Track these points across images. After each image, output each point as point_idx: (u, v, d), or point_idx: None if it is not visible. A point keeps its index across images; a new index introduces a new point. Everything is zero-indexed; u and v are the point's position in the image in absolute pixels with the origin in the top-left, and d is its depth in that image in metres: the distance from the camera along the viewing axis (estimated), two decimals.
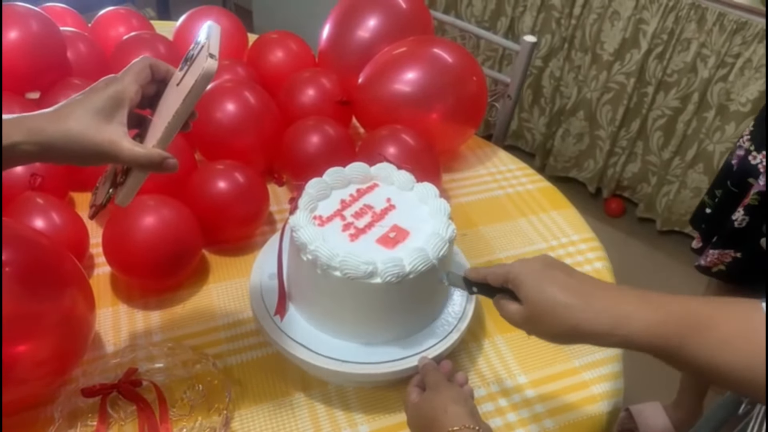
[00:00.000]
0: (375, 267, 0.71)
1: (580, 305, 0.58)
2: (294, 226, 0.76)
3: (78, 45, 1.19)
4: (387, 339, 0.78)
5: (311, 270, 0.73)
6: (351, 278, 0.70)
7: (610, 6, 2.04)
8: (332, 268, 0.71)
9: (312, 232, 0.75)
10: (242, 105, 1.05)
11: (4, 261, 0.69)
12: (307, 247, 0.73)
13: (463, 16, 2.38)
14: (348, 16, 1.24)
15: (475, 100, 1.16)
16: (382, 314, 0.76)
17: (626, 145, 2.23)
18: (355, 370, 0.75)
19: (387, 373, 0.75)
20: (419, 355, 0.76)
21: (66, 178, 1.00)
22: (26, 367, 0.70)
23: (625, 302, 0.58)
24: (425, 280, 0.74)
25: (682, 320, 0.55)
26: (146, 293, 0.91)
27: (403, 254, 0.73)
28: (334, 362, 0.75)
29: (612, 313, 0.57)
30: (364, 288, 0.71)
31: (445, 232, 0.76)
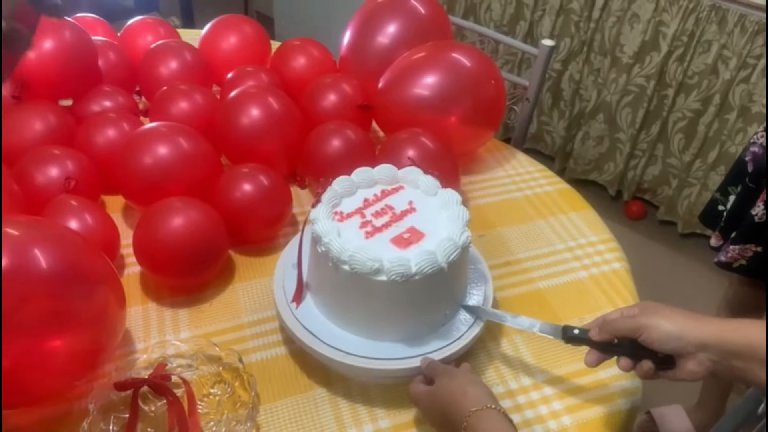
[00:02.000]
0: (381, 264, 0.73)
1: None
2: (313, 218, 0.79)
3: (108, 54, 1.23)
4: (392, 337, 0.80)
5: (324, 262, 0.76)
6: (358, 273, 0.73)
7: (629, 9, 2.05)
8: (342, 261, 0.74)
9: (328, 226, 0.77)
10: (266, 110, 1.08)
11: (42, 259, 0.72)
12: (322, 239, 0.76)
13: (482, 20, 2.39)
14: (368, 23, 1.27)
15: (494, 103, 1.18)
16: (387, 312, 0.78)
17: (646, 147, 2.23)
18: (358, 363, 0.77)
19: (391, 370, 0.78)
20: (426, 355, 0.78)
21: (98, 181, 1.04)
22: (60, 360, 0.73)
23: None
24: (433, 282, 0.75)
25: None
26: (175, 292, 0.94)
27: (412, 255, 0.75)
28: (339, 353, 0.77)
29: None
30: (371, 284, 0.74)
31: (458, 238, 0.77)
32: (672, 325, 0.66)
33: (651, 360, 0.68)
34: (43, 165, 0.97)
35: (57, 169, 0.98)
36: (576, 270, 1.01)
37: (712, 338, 0.64)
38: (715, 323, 0.65)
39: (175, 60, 1.23)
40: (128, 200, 1.03)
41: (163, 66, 1.23)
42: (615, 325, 0.70)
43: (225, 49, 1.31)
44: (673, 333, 0.65)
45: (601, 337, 0.71)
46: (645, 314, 0.68)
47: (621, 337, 0.70)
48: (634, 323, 0.68)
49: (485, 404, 0.66)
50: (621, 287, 0.98)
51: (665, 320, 0.66)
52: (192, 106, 1.13)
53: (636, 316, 0.69)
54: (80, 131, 1.07)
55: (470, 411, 0.65)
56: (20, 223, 0.76)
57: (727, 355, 0.63)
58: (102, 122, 1.08)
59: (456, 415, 0.67)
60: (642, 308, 0.70)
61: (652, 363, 0.68)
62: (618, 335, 0.70)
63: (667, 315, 0.67)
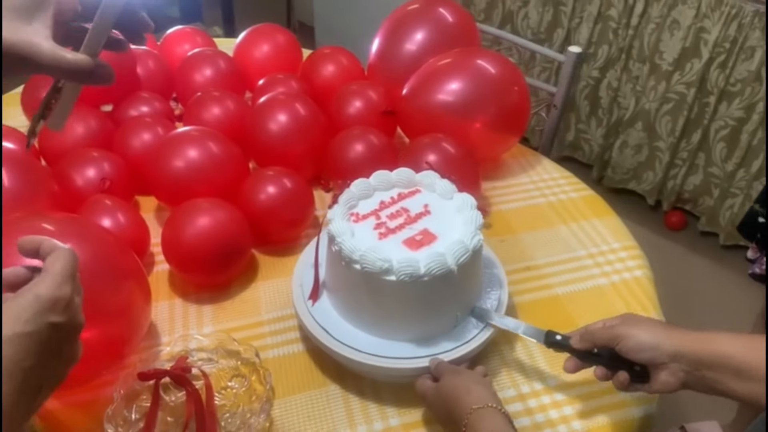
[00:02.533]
0: (391, 265, 0.75)
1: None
2: (329, 218, 0.82)
3: (147, 62, 1.29)
4: (403, 337, 0.81)
5: (338, 261, 0.79)
6: (368, 272, 0.75)
7: (669, 15, 2.01)
8: (353, 261, 0.76)
9: (343, 226, 0.80)
10: (293, 116, 1.11)
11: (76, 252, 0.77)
12: (335, 239, 0.78)
13: (519, 28, 2.39)
14: (396, 30, 1.29)
15: (518, 109, 1.18)
16: (396, 311, 0.80)
17: (687, 156, 2.18)
18: (369, 361, 0.79)
19: (401, 369, 0.79)
20: (436, 356, 0.79)
21: (133, 182, 1.09)
22: (87, 349, 0.77)
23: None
24: (442, 284, 0.77)
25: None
26: (200, 289, 0.98)
27: (422, 257, 0.76)
28: (351, 350, 0.80)
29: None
30: (381, 284, 0.76)
31: (469, 241, 0.78)
32: (648, 335, 0.68)
33: (627, 371, 0.70)
34: (81, 166, 1.03)
35: (94, 170, 1.03)
36: (596, 277, 1.01)
37: (684, 349, 0.65)
38: (689, 334, 0.67)
39: (210, 67, 1.28)
40: (160, 201, 1.08)
41: (198, 73, 1.28)
42: (595, 335, 0.72)
43: (258, 57, 1.36)
44: (648, 342, 0.67)
45: (581, 346, 0.73)
46: (624, 325, 0.70)
47: (600, 346, 0.72)
48: (612, 332, 0.70)
49: (487, 403, 0.67)
50: (641, 295, 0.97)
51: (641, 330, 0.68)
52: (223, 111, 1.18)
53: (615, 326, 0.71)
54: (117, 135, 1.13)
55: (472, 408, 0.67)
56: (55, 219, 0.82)
57: (698, 366, 0.65)
58: (138, 126, 1.13)
59: (458, 412, 0.68)
60: (623, 319, 0.72)
61: (627, 374, 0.70)
62: (597, 344, 0.72)
63: (644, 326, 0.69)
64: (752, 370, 0.61)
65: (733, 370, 0.62)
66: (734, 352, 0.62)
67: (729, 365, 0.62)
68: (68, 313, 0.44)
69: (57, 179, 1.02)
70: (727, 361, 0.63)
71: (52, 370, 0.44)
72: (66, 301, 0.44)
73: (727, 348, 0.63)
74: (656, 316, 0.94)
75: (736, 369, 0.62)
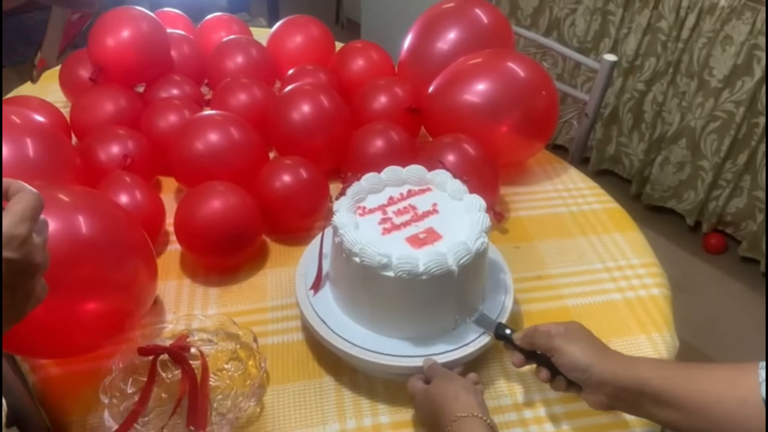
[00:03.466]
0: (390, 260, 0.74)
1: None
2: (335, 209, 0.81)
3: (182, 46, 1.32)
4: (399, 335, 0.80)
5: (340, 253, 0.78)
6: (367, 266, 0.74)
7: (722, 30, 1.93)
8: (353, 253, 0.75)
9: (347, 218, 0.79)
10: (317, 108, 1.12)
11: (84, 225, 0.78)
12: (338, 230, 0.78)
13: (565, 36, 2.34)
14: (429, 28, 1.28)
15: (545, 114, 1.16)
16: (393, 308, 0.79)
17: (731, 177, 2.09)
18: (362, 355, 0.78)
19: (394, 366, 0.78)
20: (430, 356, 0.77)
21: (155, 162, 1.11)
22: (90, 320, 0.79)
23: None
24: (441, 284, 0.75)
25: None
26: (209, 271, 0.99)
27: (423, 255, 0.75)
28: (345, 343, 0.79)
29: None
30: (379, 279, 0.75)
31: (473, 243, 0.77)
32: (581, 357, 0.68)
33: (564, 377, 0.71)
34: (105, 142, 1.06)
35: (118, 147, 1.06)
36: (610, 291, 0.97)
37: (608, 377, 0.66)
38: (614, 362, 0.67)
39: (242, 55, 1.30)
40: (178, 181, 1.10)
41: (230, 60, 1.30)
42: (535, 339, 0.73)
43: (291, 48, 1.37)
44: (580, 364, 0.68)
45: (522, 344, 0.75)
46: (563, 337, 0.70)
47: (539, 350, 0.73)
48: (551, 343, 0.71)
49: (472, 412, 0.66)
50: (655, 313, 0.93)
51: (577, 349, 0.69)
52: (250, 98, 1.19)
53: (556, 336, 0.71)
54: (145, 114, 1.15)
55: (456, 416, 0.66)
56: (70, 190, 0.84)
57: (620, 391, 0.66)
58: (165, 108, 1.16)
59: (443, 418, 0.67)
60: (567, 329, 0.72)
61: (565, 381, 0.71)
62: (536, 348, 0.73)
63: (580, 344, 0.69)
64: (669, 397, 0.62)
65: (650, 397, 0.63)
66: (652, 379, 0.63)
67: (647, 392, 0.63)
68: (23, 250, 0.45)
69: (82, 154, 1.04)
70: (644, 388, 0.64)
71: (8, 307, 0.46)
72: (21, 238, 0.45)
73: (647, 375, 0.64)
74: (669, 336, 0.90)
75: (654, 395, 0.63)
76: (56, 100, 1.25)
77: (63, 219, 0.77)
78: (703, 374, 0.62)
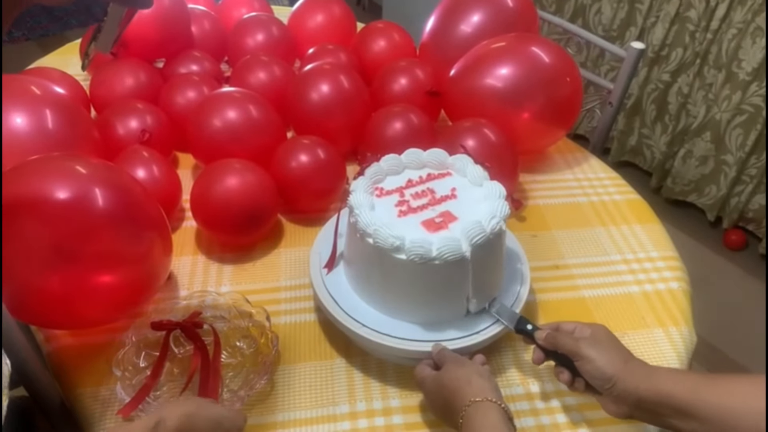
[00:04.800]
0: (403, 243, 0.73)
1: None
2: (352, 189, 0.80)
3: (203, 22, 1.31)
4: (410, 319, 0.79)
5: (354, 233, 0.78)
6: (380, 248, 0.73)
7: (753, 21, 1.89)
8: (367, 234, 0.74)
9: (364, 198, 0.78)
10: (336, 87, 1.10)
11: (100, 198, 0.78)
12: (353, 210, 0.77)
13: (590, 23, 2.30)
14: (453, 10, 1.26)
15: (568, 101, 1.13)
16: (404, 291, 0.78)
17: (756, 173, 2.05)
18: (372, 337, 0.77)
19: (404, 350, 0.77)
20: (440, 342, 0.76)
21: (173, 137, 1.11)
22: (104, 292, 0.79)
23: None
24: (454, 270, 0.74)
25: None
26: (224, 248, 0.99)
27: (436, 239, 0.74)
28: (355, 323, 0.78)
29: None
30: (391, 261, 0.74)
31: (487, 223, 0.75)
32: (608, 367, 0.67)
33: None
34: (124, 116, 1.06)
35: (136, 121, 1.06)
36: (628, 283, 0.96)
37: (631, 389, 0.65)
38: (638, 375, 0.66)
39: (262, 33, 1.29)
40: (196, 158, 1.09)
41: (250, 38, 1.28)
42: (559, 341, 0.71)
43: (311, 27, 1.35)
44: (605, 374, 0.67)
45: (544, 344, 0.73)
46: (589, 342, 0.69)
47: (562, 352, 0.71)
48: (575, 348, 0.69)
49: (487, 396, 0.65)
50: (673, 307, 0.92)
51: (604, 359, 0.68)
52: (269, 77, 1.18)
53: (581, 339, 0.70)
54: (163, 90, 1.15)
55: (470, 401, 0.65)
56: (88, 162, 0.83)
57: (641, 404, 0.65)
58: (184, 84, 1.15)
59: (457, 403, 0.66)
60: (593, 334, 0.71)
61: (584, 383, 0.70)
62: (560, 350, 0.71)
63: (607, 353, 0.68)
64: (693, 410, 0.61)
65: (673, 409, 0.63)
66: (676, 392, 0.63)
67: (670, 404, 0.63)
68: None
69: (100, 127, 1.04)
70: (668, 401, 0.63)
71: None
72: None
73: (670, 387, 0.63)
74: (687, 331, 0.89)
75: (677, 408, 0.62)
76: (77, 73, 1.25)
77: (79, 191, 0.77)
78: (727, 386, 0.61)
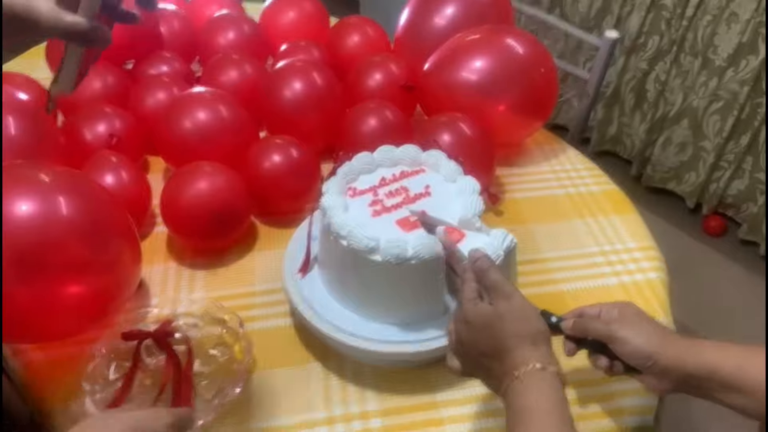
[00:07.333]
0: (378, 244, 0.72)
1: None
2: (324, 190, 0.79)
3: (173, 21, 1.28)
4: (387, 320, 0.78)
5: (328, 235, 0.76)
6: (354, 250, 0.72)
7: (727, 7, 1.89)
8: (340, 236, 0.73)
9: (336, 200, 0.77)
10: (308, 85, 1.08)
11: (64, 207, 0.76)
12: (326, 212, 0.75)
13: (567, 13, 2.29)
14: (426, 3, 1.24)
15: (544, 92, 1.12)
16: (381, 293, 0.76)
17: (733, 159, 2.06)
18: (348, 341, 0.76)
19: (381, 353, 0.76)
20: (423, 343, 0.75)
21: (143, 141, 1.08)
22: (72, 303, 0.77)
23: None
24: (431, 269, 0.73)
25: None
26: (196, 254, 0.97)
27: (412, 239, 0.73)
28: (331, 327, 0.77)
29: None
30: (366, 263, 0.72)
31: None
32: (646, 345, 0.65)
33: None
34: (91, 121, 1.03)
35: (104, 125, 1.03)
36: (606, 276, 0.95)
37: (672, 364, 0.63)
38: (678, 347, 0.64)
39: (233, 31, 1.27)
40: (166, 161, 1.07)
41: (221, 36, 1.26)
42: (588, 326, 0.67)
43: (284, 23, 1.33)
44: (644, 353, 0.64)
45: (573, 334, 0.68)
46: (620, 323, 0.66)
47: (594, 338, 0.68)
48: (607, 331, 0.66)
49: (551, 365, 0.57)
50: (651, 298, 0.91)
51: (640, 338, 0.65)
52: (240, 76, 1.16)
53: (612, 322, 0.67)
54: (132, 92, 1.12)
55: (535, 366, 0.57)
56: (53, 171, 0.81)
57: (687, 378, 0.63)
58: (154, 85, 1.12)
59: (510, 360, 0.58)
60: (621, 313, 0.67)
61: (622, 366, 0.67)
62: (590, 336, 0.67)
63: (642, 331, 0.65)
64: (740, 384, 0.60)
65: (719, 383, 0.61)
66: (722, 366, 0.61)
67: (715, 379, 0.61)
68: None
69: (67, 133, 1.02)
70: (714, 375, 0.61)
71: None
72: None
73: (716, 361, 0.62)
74: (665, 322, 0.88)
75: (723, 382, 0.61)
76: (43, 77, 1.22)
77: (43, 200, 0.75)
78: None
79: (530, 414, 0.56)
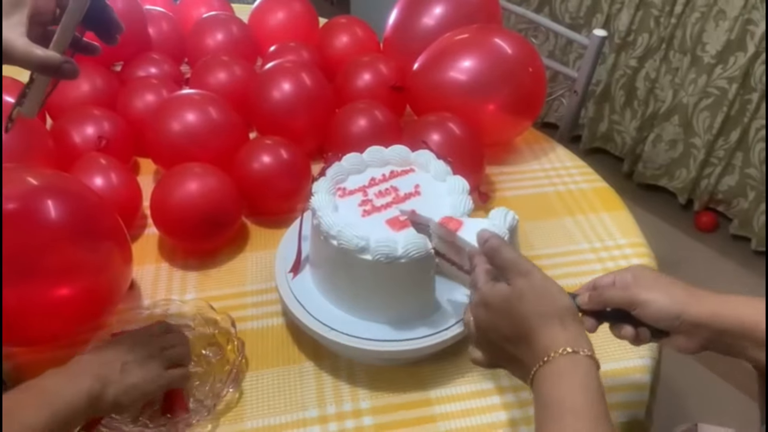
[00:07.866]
0: (368, 243, 0.72)
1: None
2: (314, 191, 0.79)
3: (161, 23, 1.28)
4: (378, 318, 0.78)
5: (318, 235, 0.76)
6: (344, 249, 0.72)
7: (715, 5, 1.90)
8: (330, 236, 0.73)
9: (326, 200, 0.77)
10: (298, 86, 1.08)
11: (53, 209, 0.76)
12: (316, 212, 0.76)
13: (557, 12, 2.31)
14: (415, 3, 1.25)
15: (532, 92, 1.13)
16: (371, 292, 0.77)
17: (723, 155, 2.07)
18: (339, 339, 0.76)
19: (373, 351, 0.76)
20: (413, 341, 0.75)
21: (132, 143, 1.08)
22: (62, 306, 0.77)
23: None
24: (421, 268, 0.74)
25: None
26: (187, 255, 0.97)
27: (402, 238, 0.73)
28: (322, 326, 0.77)
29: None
30: (357, 262, 0.72)
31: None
32: (671, 303, 0.61)
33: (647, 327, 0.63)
34: (80, 123, 1.03)
35: (93, 128, 1.03)
36: (596, 272, 0.95)
37: (705, 318, 0.60)
38: (711, 302, 0.61)
39: (222, 32, 1.26)
40: (156, 163, 1.07)
41: (209, 38, 1.26)
42: (606, 296, 0.63)
43: (273, 24, 1.33)
44: (671, 312, 0.60)
45: (590, 307, 0.64)
46: (640, 287, 0.62)
47: (613, 307, 0.64)
48: (628, 297, 0.62)
49: (583, 349, 0.53)
50: None
51: (663, 296, 0.61)
52: (229, 77, 1.15)
53: (630, 287, 0.63)
54: (121, 94, 1.12)
55: (567, 350, 0.53)
56: (42, 174, 0.81)
57: (720, 334, 0.60)
58: (142, 87, 1.12)
59: (539, 346, 0.55)
60: (636, 276, 0.63)
61: (648, 332, 0.63)
62: (609, 306, 0.63)
63: (664, 289, 0.61)
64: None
65: (754, 341, 0.58)
66: (759, 323, 0.58)
67: (750, 336, 0.58)
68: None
69: (56, 136, 1.01)
70: (749, 333, 0.58)
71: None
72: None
73: (752, 318, 0.58)
74: None
75: (759, 340, 0.57)
76: None
77: (32, 203, 0.75)
78: None
79: (561, 408, 0.52)
